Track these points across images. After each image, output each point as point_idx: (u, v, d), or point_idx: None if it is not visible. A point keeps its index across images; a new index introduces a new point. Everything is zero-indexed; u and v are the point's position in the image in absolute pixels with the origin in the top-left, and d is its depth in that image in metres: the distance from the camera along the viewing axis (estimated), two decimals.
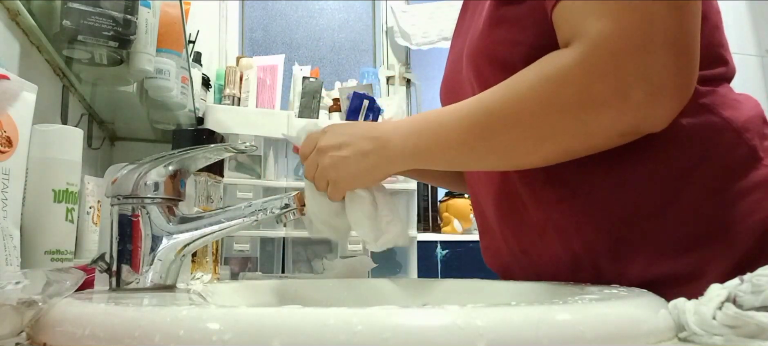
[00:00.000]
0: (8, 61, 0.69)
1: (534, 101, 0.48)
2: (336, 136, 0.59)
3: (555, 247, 0.57)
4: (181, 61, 1.14)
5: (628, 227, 0.52)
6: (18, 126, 0.49)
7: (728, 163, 0.51)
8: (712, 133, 0.52)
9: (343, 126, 0.61)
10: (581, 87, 0.45)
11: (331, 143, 0.59)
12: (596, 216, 0.54)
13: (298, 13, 2.38)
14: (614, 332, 0.28)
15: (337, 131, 0.60)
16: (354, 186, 0.60)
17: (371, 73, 2.10)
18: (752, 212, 0.50)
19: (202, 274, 0.63)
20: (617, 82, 0.44)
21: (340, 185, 0.59)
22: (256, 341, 0.25)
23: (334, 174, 0.58)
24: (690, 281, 0.49)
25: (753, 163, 0.51)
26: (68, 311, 0.32)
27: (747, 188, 0.50)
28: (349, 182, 0.59)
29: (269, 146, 1.50)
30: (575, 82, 0.45)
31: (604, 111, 0.45)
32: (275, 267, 1.49)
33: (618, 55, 0.43)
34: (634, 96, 0.44)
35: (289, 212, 0.55)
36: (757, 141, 0.52)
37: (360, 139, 0.58)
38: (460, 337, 0.25)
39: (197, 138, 0.73)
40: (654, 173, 0.52)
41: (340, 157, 0.58)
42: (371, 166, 0.58)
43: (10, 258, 0.48)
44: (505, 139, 0.50)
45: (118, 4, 0.77)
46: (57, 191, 0.59)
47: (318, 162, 0.59)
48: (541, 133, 0.49)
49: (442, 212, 2.03)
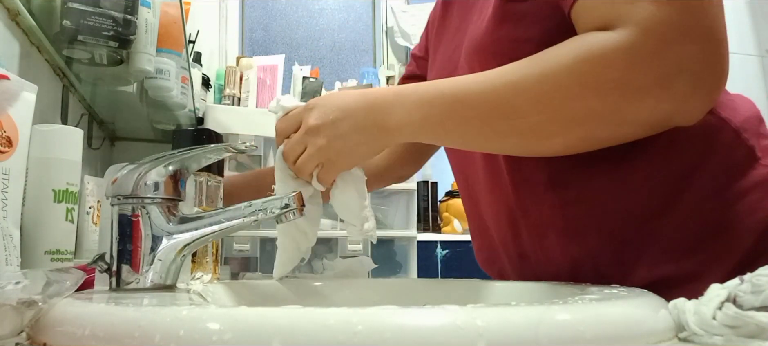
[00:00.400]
0: (8, 61, 0.69)
1: (570, 82, 0.45)
2: (327, 110, 0.53)
3: (556, 251, 0.57)
4: (181, 61, 1.14)
5: (633, 230, 0.52)
6: (18, 126, 0.49)
7: (727, 163, 0.51)
8: (711, 133, 0.52)
9: (330, 98, 0.55)
10: (624, 72, 0.43)
11: (325, 120, 0.53)
12: (600, 219, 0.53)
13: (298, 13, 2.38)
14: (614, 332, 0.28)
15: (326, 105, 0.54)
16: (352, 165, 0.56)
17: (371, 73, 2.10)
18: (752, 211, 0.50)
19: (202, 274, 0.63)
20: (661, 70, 0.42)
21: (337, 165, 0.55)
22: (256, 341, 0.25)
23: (333, 155, 0.54)
24: (692, 282, 0.49)
25: (751, 163, 0.52)
26: (68, 311, 0.32)
27: (746, 188, 0.51)
28: (347, 160, 0.55)
29: (269, 146, 1.50)
30: (618, 66, 0.43)
31: (644, 99, 0.44)
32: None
33: (664, 43, 0.42)
34: (677, 86, 0.43)
35: (289, 212, 0.54)
36: (755, 141, 0.53)
37: (355, 111, 0.53)
38: (460, 337, 0.25)
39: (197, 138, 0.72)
40: (656, 175, 0.52)
41: (338, 134, 0.53)
42: (369, 139, 0.53)
43: (10, 258, 0.48)
44: (532, 121, 0.47)
45: (118, 4, 0.77)
46: (57, 191, 0.59)
47: (307, 143, 0.54)
48: (571, 117, 0.46)
49: (442, 212, 2.03)
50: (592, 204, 0.54)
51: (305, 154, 0.54)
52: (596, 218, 0.54)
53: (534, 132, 0.48)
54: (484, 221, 0.67)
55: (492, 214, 0.64)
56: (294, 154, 0.55)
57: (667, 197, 0.51)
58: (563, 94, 0.45)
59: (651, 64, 0.42)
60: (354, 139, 0.53)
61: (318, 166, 0.54)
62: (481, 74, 0.50)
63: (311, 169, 0.55)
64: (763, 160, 0.52)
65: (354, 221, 0.58)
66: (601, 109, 0.45)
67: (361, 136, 0.53)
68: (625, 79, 0.43)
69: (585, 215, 0.54)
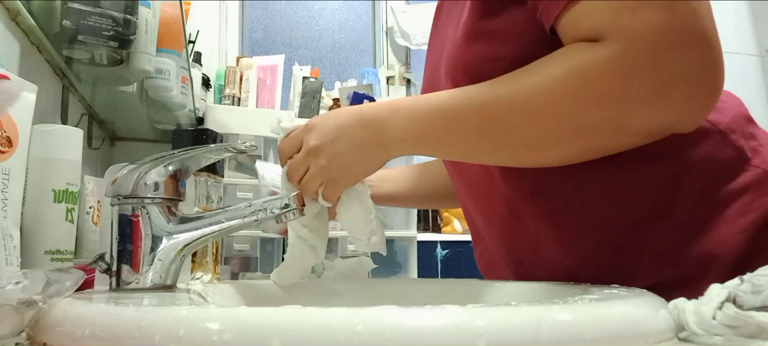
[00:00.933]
0: (8, 61, 0.69)
1: (562, 96, 0.45)
2: (325, 131, 0.54)
3: (550, 259, 0.56)
4: (181, 61, 1.14)
5: (626, 235, 0.52)
6: (18, 126, 0.49)
7: (717, 165, 0.51)
8: (699, 136, 0.52)
9: (327, 117, 0.56)
10: (617, 84, 0.43)
11: (324, 140, 0.54)
12: (592, 226, 0.53)
13: (298, 13, 2.38)
14: (614, 332, 0.28)
15: (324, 125, 0.54)
16: (354, 181, 0.57)
17: (371, 73, 2.10)
18: (744, 213, 0.50)
19: (202, 274, 0.63)
20: (657, 79, 0.42)
21: (340, 183, 0.55)
22: (256, 341, 0.25)
23: (335, 173, 0.54)
24: (689, 284, 0.49)
25: (741, 164, 0.52)
26: (68, 311, 0.32)
27: (737, 190, 0.51)
28: (348, 178, 0.56)
29: (269, 146, 1.50)
30: (610, 78, 0.43)
31: (640, 109, 0.43)
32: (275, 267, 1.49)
33: (656, 51, 0.42)
34: (675, 94, 0.42)
35: (289, 212, 0.54)
36: (744, 142, 0.53)
37: (352, 129, 0.53)
38: (460, 337, 0.25)
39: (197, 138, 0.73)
40: (646, 179, 0.52)
41: (337, 153, 0.53)
42: (367, 156, 0.54)
43: (10, 258, 0.48)
44: (527, 135, 0.48)
45: (118, 4, 0.77)
46: (57, 191, 0.59)
47: (309, 164, 0.55)
48: (566, 130, 0.46)
49: (443, 212, 2.03)
50: (583, 211, 0.54)
51: (308, 175, 0.55)
52: (588, 225, 0.53)
53: (529, 146, 0.49)
54: (479, 231, 0.67)
55: (486, 222, 0.64)
56: (298, 174, 0.56)
57: (659, 201, 0.51)
58: (555, 109, 0.45)
59: (644, 74, 0.42)
60: (352, 156, 0.54)
61: (321, 184, 0.55)
62: (472, 88, 0.50)
63: (315, 188, 0.55)
64: (754, 161, 0.52)
65: (361, 236, 0.58)
66: (596, 122, 0.45)
67: (359, 153, 0.54)
68: (617, 91, 0.43)
69: (576, 223, 0.54)
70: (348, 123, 0.54)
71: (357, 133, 0.53)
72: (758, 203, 0.50)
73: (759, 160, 0.52)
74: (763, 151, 0.53)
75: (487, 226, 0.64)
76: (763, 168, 0.52)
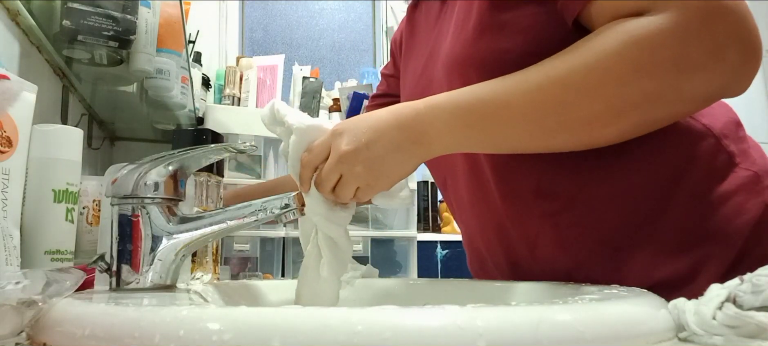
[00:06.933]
0: (8, 61, 0.69)
1: (624, 67, 0.44)
2: (358, 134, 0.51)
3: (548, 260, 0.57)
4: (181, 61, 1.14)
5: (624, 236, 0.53)
6: (18, 126, 0.49)
7: (709, 169, 0.53)
8: (695, 139, 0.53)
9: (359, 120, 0.53)
10: (678, 49, 0.43)
11: (358, 145, 0.51)
12: (592, 227, 0.54)
13: (298, 13, 2.38)
14: (614, 332, 0.28)
15: (357, 128, 0.52)
16: (391, 185, 0.54)
17: (371, 73, 2.10)
18: (738, 213, 0.51)
19: (202, 274, 0.63)
20: (712, 43, 0.43)
21: (376, 188, 0.53)
22: (256, 341, 0.25)
23: (372, 179, 0.52)
24: (685, 285, 0.50)
25: (730, 167, 0.53)
26: (68, 311, 0.32)
27: (728, 192, 0.52)
28: (386, 181, 0.53)
29: (269, 146, 1.50)
30: (671, 43, 0.43)
31: (700, 73, 0.44)
32: (275, 267, 1.49)
33: (708, 16, 0.42)
34: (730, 57, 0.43)
35: (289, 212, 0.54)
36: (734, 147, 0.54)
37: (388, 131, 0.51)
38: (460, 337, 0.25)
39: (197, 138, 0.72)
40: (645, 179, 0.53)
41: (374, 157, 0.51)
42: (406, 157, 0.51)
43: (10, 258, 0.48)
44: (584, 113, 0.46)
45: (118, 4, 0.77)
46: (57, 191, 0.59)
47: (342, 171, 0.51)
48: (627, 102, 0.45)
49: (442, 212, 2.03)
50: (584, 211, 0.54)
51: (342, 182, 0.52)
52: (587, 225, 0.54)
53: (586, 124, 0.47)
54: (469, 234, 0.67)
55: (478, 226, 0.64)
56: (330, 183, 0.53)
57: (657, 202, 0.52)
58: (616, 80, 0.44)
59: (701, 38, 0.43)
60: (391, 159, 0.51)
61: (357, 190, 0.53)
62: (516, 75, 0.48)
63: (350, 195, 0.53)
64: (742, 165, 0.53)
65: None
66: (656, 90, 0.44)
67: (398, 155, 0.51)
68: (679, 56, 0.43)
69: (576, 223, 0.54)
70: (382, 125, 0.51)
71: (394, 135, 0.51)
72: (751, 203, 0.51)
73: (749, 163, 0.54)
74: (752, 153, 0.55)
75: (479, 230, 0.64)
76: (754, 170, 0.53)
